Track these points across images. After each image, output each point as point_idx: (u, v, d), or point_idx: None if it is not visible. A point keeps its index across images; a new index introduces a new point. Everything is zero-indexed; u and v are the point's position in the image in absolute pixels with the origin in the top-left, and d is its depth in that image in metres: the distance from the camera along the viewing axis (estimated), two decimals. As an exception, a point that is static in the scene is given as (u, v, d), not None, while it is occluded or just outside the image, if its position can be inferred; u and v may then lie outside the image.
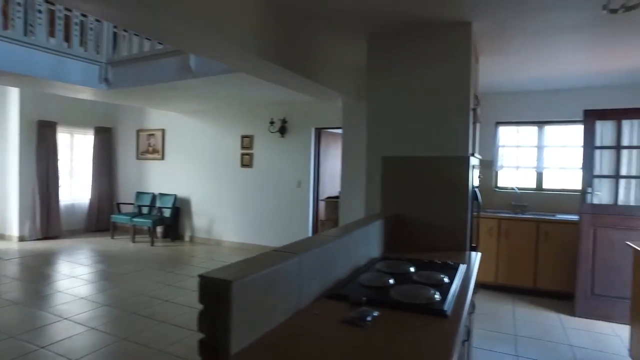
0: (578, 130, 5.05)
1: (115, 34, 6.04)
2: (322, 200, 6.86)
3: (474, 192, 3.13)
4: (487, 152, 5.69)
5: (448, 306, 1.70)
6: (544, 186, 5.52)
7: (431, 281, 2.05)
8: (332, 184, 7.22)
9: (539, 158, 5.47)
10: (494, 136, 5.69)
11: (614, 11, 1.99)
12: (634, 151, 4.18)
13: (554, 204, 5.36)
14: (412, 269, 2.27)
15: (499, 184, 5.76)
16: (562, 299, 4.74)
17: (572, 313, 4.36)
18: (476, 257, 2.73)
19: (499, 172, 5.73)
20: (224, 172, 7.74)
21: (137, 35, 5.79)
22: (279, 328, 1.42)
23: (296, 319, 1.52)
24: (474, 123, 3.81)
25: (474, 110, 3.12)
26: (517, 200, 5.51)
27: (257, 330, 1.33)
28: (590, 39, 3.38)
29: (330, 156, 7.33)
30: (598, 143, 4.27)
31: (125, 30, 5.96)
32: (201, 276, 1.22)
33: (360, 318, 1.55)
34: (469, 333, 2.39)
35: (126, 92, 6.15)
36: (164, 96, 6.49)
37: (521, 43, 3.49)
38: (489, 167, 5.68)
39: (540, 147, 5.48)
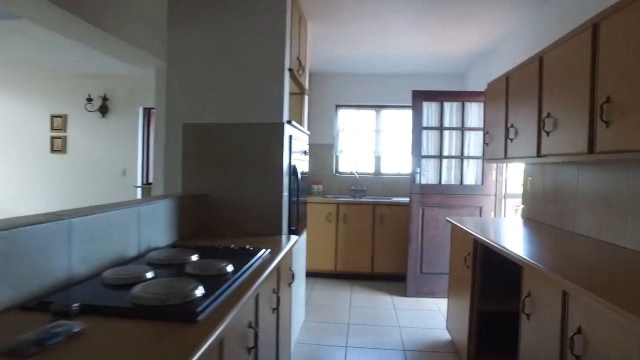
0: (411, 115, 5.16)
1: None
2: (137, 187, 5.92)
3: (293, 168, 2.74)
4: (328, 136, 5.51)
5: (207, 306, 1.19)
6: (382, 170, 5.55)
7: (208, 272, 1.54)
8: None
9: (377, 142, 5.47)
10: (333, 119, 5.53)
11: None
12: (454, 132, 4.33)
13: (391, 188, 5.41)
14: (193, 258, 1.74)
15: (340, 169, 5.64)
16: (398, 280, 4.75)
17: (404, 294, 4.36)
18: (289, 241, 2.32)
19: (339, 156, 5.60)
20: (28, 159, 6.24)
21: None
22: None
23: None
24: (302, 94, 3.45)
25: (292, 72, 2.72)
26: (357, 184, 5.44)
27: None
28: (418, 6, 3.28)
29: (164, 141, 6.43)
30: (425, 124, 4.32)
31: None
32: None
33: (36, 342, 0.94)
34: (277, 329, 1.96)
35: None
36: None
37: (347, 7, 3.22)
38: (329, 151, 5.51)
39: (378, 131, 5.49)
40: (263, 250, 1.95)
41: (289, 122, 2.64)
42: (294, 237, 2.44)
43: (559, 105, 2.21)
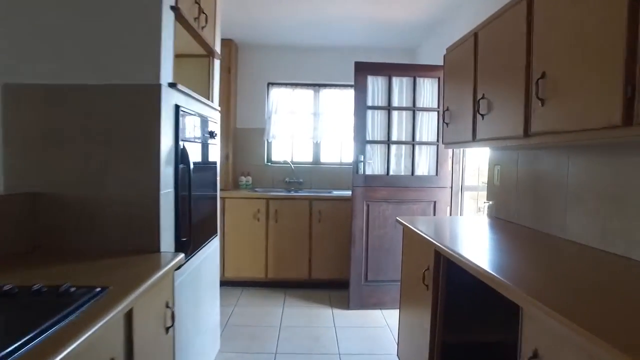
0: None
1: None
2: None
3: (182, 153, 1.89)
4: (258, 119, 4.66)
5: None
6: (322, 159, 4.80)
7: None
8: None
9: (316, 127, 4.70)
10: (264, 100, 4.68)
11: None
12: (404, 113, 3.65)
13: (332, 179, 4.68)
14: None
15: (273, 158, 4.81)
16: (340, 288, 4.05)
17: (347, 305, 3.66)
18: (168, 263, 1.49)
19: (271, 142, 4.78)
20: None
21: None
22: None
23: None
24: (210, 58, 2.60)
25: (181, 16, 1.86)
26: (292, 176, 4.65)
27: None
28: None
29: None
30: (370, 102, 3.60)
31: None
32: None
33: None
34: None
35: None
36: None
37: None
38: (259, 137, 4.66)
39: (316, 114, 4.72)
40: (97, 290, 1.12)
41: (172, 85, 1.79)
42: (178, 256, 1.61)
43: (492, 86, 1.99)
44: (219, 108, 2.70)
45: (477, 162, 4.08)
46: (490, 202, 2.54)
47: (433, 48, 4.08)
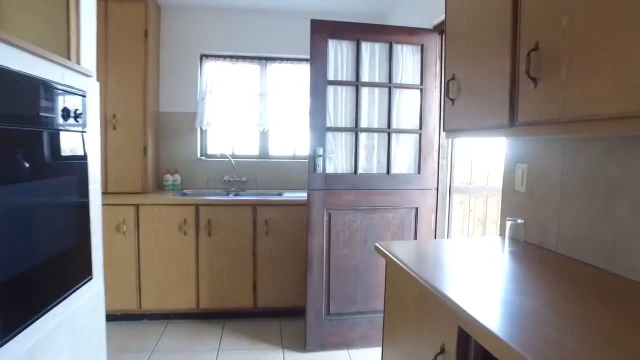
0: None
1: None
2: None
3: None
4: (188, 101, 3.63)
5: None
6: (271, 152, 3.85)
7: None
8: None
9: (263, 111, 3.73)
10: (196, 76, 3.65)
11: None
12: (377, 91, 2.76)
13: (283, 178, 3.74)
14: None
15: (208, 151, 3.80)
16: (295, 317, 3.15)
17: (304, 345, 2.76)
18: None
19: (206, 131, 3.77)
20: None
21: None
22: None
23: None
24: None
25: None
26: (233, 173, 3.66)
27: None
28: None
29: None
30: (332, 76, 2.68)
31: None
32: None
33: None
34: None
35: None
36: None
37: None
38: (190, 123, 3.64)
39: (263, 95, 3.74)
40: None
41: None
42: None
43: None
44: (91, 72, 1.68)
45: (467, 154, 3.27)
46: (518, 221, 1.68)
47: (408, 13, 3.20)
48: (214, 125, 3.65)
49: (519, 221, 1.67)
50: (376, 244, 1.69)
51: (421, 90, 2.75)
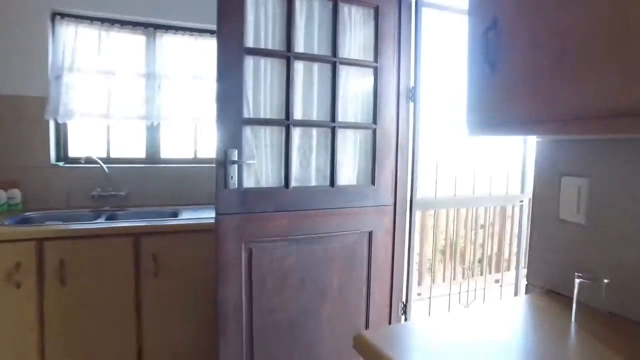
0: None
1: None
2: None
3: None
4: (35, 80, 2.47)
5: None
6: (162, 155, 2.83)
7: None
8: None
9: (152, 99, 2.70)
10: (47, 46, 2.50)
11: None
12: (316, 68, 1.94)
13: (181, 189, 2.75)
14: None
15: (70, 153, 2.67)
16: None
17: None
18: None
19: (65, 125, 2.63)
20: None
21: None
22: None
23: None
24: None
25: None
26: (106, 185, 2.59)
27: None
28: None
29: None
30: (250, 43, 1.80)
31: None
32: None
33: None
34: None
35: None
36: None
37: None
38: (37, 113, 2.48)
39: (152, 77, 2.71)
40: None
41: None
42: None
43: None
44: None
45: (432, 157, 2.62)
46: (592, 280, 0.98)
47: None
48: (77, 116, 2.54)
49: (605, 281, 0.96)
50: (357, 335, 0.87)
51: (375, 69, 1.99)
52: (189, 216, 2.37)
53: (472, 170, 2.65)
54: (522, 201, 2.43)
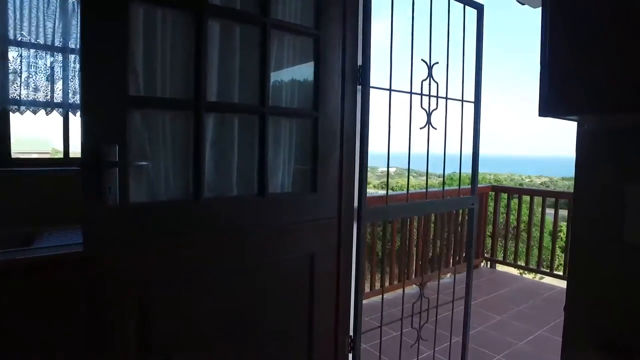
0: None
1: None
2: None
3: None
4: None
5: None
6: (15, 151, 2.03)
7: None
8: None
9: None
10: None
11: None
12: (238, 32, 1.39)
13: (39, 203, 1.97)
14: None
15: None
16: None
17: None
18: None
19: None
20: None
21: None
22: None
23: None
24: None
25: None
26: None
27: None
28: None
29: None
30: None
31: None
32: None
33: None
34: None
35: None
36: None
37: None
38: None
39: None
40: None
41: None
42: None
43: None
44: None
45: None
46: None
47: None
48: None
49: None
50: None
51: (316, 38, 1.50)
52: (49, 244, 1.64)
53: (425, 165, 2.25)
54: (473, 204, 2.14)
